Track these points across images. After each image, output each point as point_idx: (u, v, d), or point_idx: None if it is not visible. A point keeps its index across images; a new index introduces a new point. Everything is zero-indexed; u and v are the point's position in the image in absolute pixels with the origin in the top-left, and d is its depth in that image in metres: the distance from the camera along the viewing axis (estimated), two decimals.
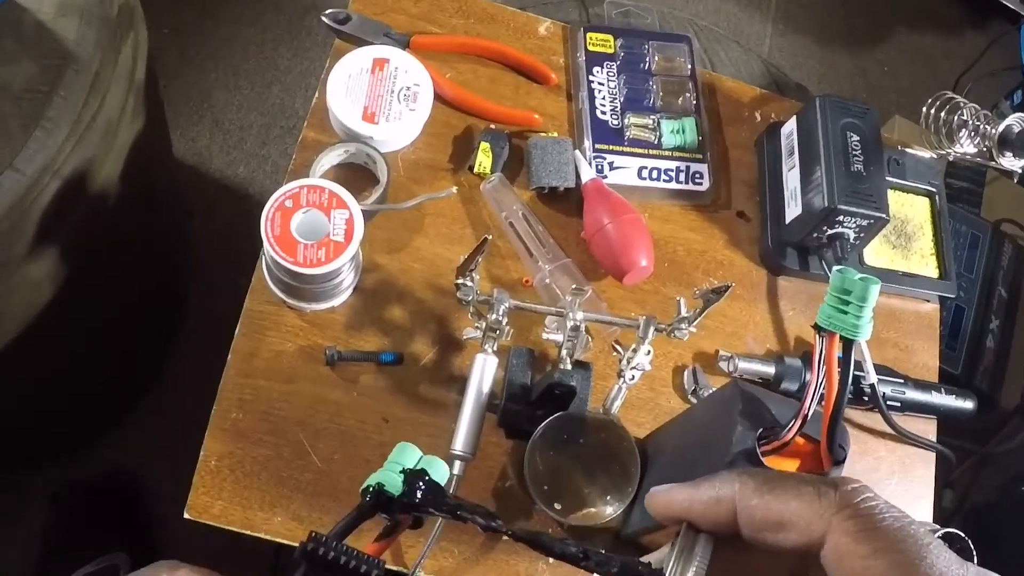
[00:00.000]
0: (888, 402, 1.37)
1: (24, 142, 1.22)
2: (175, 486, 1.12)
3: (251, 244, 1.14)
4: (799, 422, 0.87)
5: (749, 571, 0.73)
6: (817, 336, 0.85)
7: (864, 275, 0.81)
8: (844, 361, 0.84)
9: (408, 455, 0.82)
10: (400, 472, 0.73)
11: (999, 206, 2.35)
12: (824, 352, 0.84)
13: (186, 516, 1.10)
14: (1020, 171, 1.48)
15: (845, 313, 0.82)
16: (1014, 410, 2.07)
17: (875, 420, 1.38)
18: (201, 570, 0.69)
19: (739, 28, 3.23)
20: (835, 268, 0.85)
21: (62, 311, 1.46)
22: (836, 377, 0.84)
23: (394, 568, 1.14)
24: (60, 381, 1.72)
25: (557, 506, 1.14)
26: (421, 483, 0.72)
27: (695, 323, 1.15)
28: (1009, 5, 3.30)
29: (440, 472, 0.80)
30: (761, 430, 0.90)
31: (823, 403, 0.85)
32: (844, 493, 0.60)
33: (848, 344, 0.83)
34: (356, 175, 1.31)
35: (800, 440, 0.88)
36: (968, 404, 1.44)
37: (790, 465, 0.90)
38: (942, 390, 1.43)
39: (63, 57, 1.27)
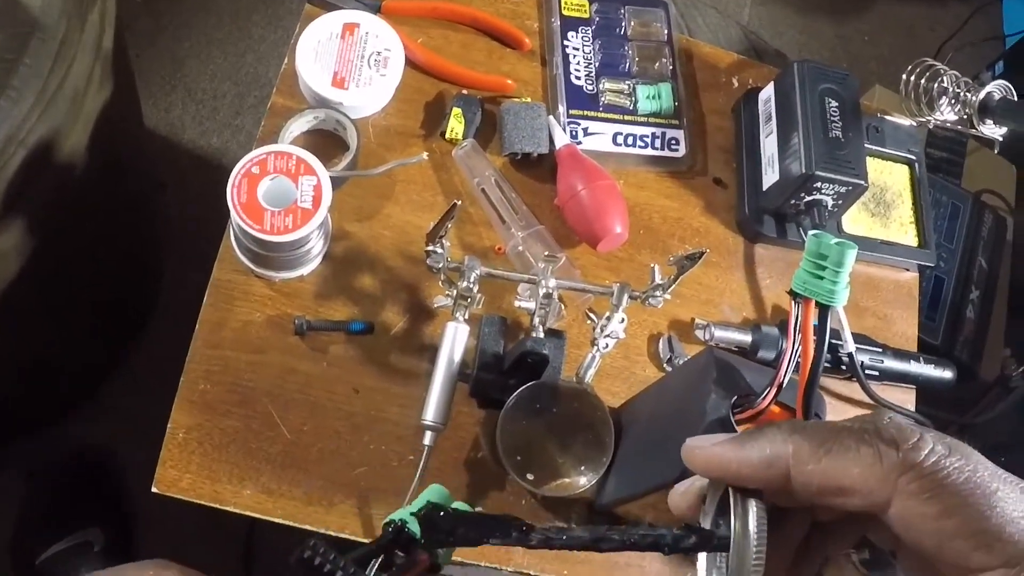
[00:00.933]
0: (866, 371, 1.36)
1: None
2: (148, 460, 1.11)
3: (224, 214, 1.12)
4: (774, 390, 0.86)
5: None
6: (793, 302, 0.84)
7: (840, 240, 0.80)
8: (820, 328, 0.83)
9: (437, 496, 0.79)
10: (411, 514, 0.69)
11: (980, 177, 2.34)
12: (800, 319, 0.83)
13: (154, 490, 1.08)
14: (1000, 139, 1.47)
15: (821, 279, 0.80)
16: (994, 381, 2.06)
17: (853, 389, 1.37)
18: (192, 572, 0.66)
19: None
20: (811, 233, 0.84)
21: (30, 283, 1.44)
22: (812, 344, 0.82)
23: None
24: (30, 355, 1.70)
25: (530, 476, 1.13)
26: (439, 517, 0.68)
27: (669, 290, 1.14)
28: None
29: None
30: (736, 398, 0.89)
31: (799, 371, 0.84)
32: (907, 453, 0.58)
33: (824, 310, 0.82)
34: (326, 142, 1.29)
35: (775, 408, 0.87)
36: (947, 374, 1.43)
37: None
38: (921, 359, 1.42)
39: (28, 25, 1.25)
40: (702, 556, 0.68)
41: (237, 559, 2.01)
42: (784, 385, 0.85)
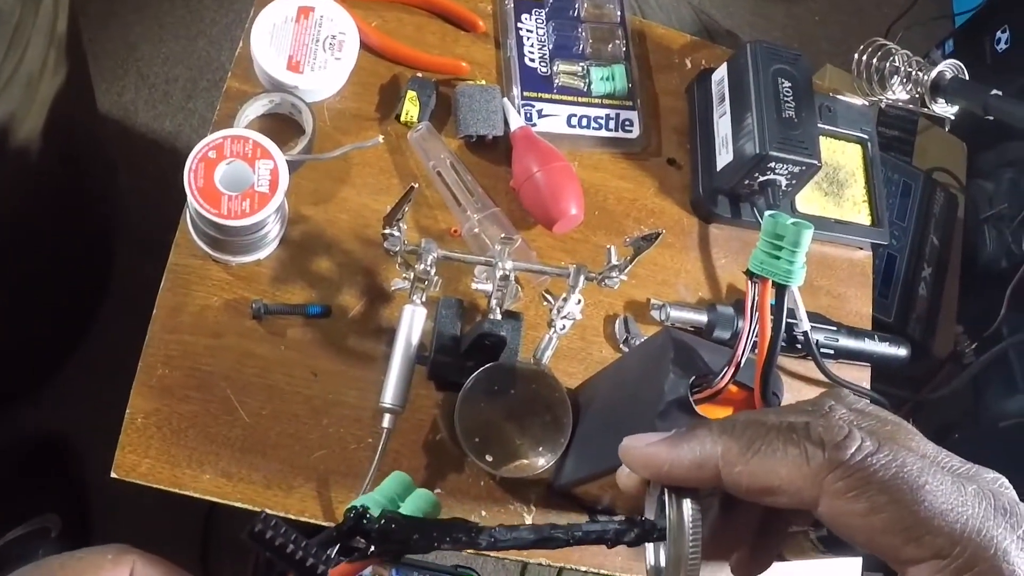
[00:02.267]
0: (821, 349, 1.37)
1: None
2: (104, 446, 1.10)
3: (179, 199, 1.12)
4: (732, 369, 0.86)
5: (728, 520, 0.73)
6: (749, 282, 0.84)
7: (796, 220, 0.80)
8: (777, 307, 0.83)
9: (399, 485, 0.79)
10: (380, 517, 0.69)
11: (931, 154, 2.36)
12: (756, 298, 0.83)
13: (113, 475, 1.07)
14: (951, 117, 1.49)
15: (778, 258, 0.81)
16: (947, 357, 2.08)
17: (809, 368, 1.38)
18: (152, 557, 0.66)
19: None
20: (767, 213, 0.84)
21: None
22: (769, 323, 0.83)
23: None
24: None
25: (489, 458, 1.13)
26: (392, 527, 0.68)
27: (626, 271, 1.15)
28: None
29: (426, 503, 0.77)
30: (694, 378, 0.89)
31: (756, 350, 0.84)
32: (832, 452, 0.59)
33: (781, 290, 0.83)
34: (282, 125, 1.29)
35: (733, 388, 0.88)
36: (902, 351, 1.45)
37: (723, 413, 0.89)
38: (876, 337, 1.43)
39: None
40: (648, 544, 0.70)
41: (195, 544, 2.01)
42: (742, 364, 0.86)
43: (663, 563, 0.68)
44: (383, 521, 0.65)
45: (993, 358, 1.96)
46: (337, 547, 0.64)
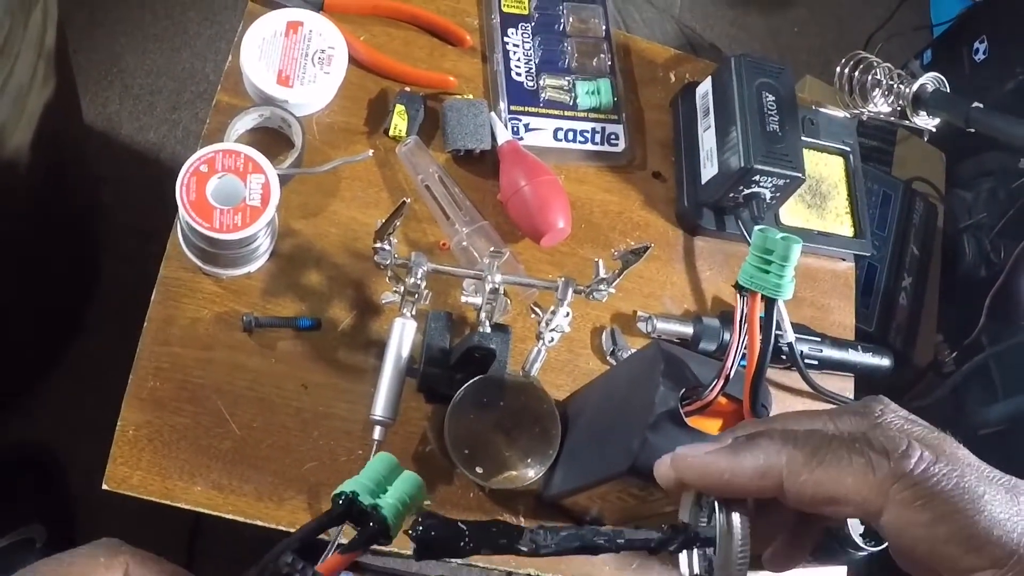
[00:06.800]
0: (806, 360, 1.38)
1: None
2: (89, 455, 1.11)
3: (163, 210, 1.13)
4: (721, 382, 0.87)
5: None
6: (739, 296, 0.85)
7: (786, 234, 0.81)
8: (766, 320, 0.84)
9: (379, 460, 0.79)
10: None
11: (910, 164, 2.38)
12: (746, 311, 0.84)
13: (104, 487, 1.08)
14: (932, 130, 1.50)
15: (767, 272, 0.82)
16: (927, 366, 2.10)
17: (793, 378, 1.39)
18: (142, 553, 0.66)
19: None
20: (757, 228, 0.85)
21: None
22: (758, 337, 0.84)
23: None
24: None
25: (479, 470, 1.14)
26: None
27: (614, 284, 1.16)
28: None
29: (413, 487, 0.77)
30: (684, 390, 0.90)
31: (744, 362, 0.85)
32: (897, 462, 0.60)
33: (770, 303, 0.84)
34: (271, 139, 1.29)
35: (723, 400, 0.88)
36: (885, 361, 1.46)
37: (712, 425, 0.90)
38: (859, 348, 1.45)
39: None
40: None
41: (181, 554, 2.01)
42: (731, 377, 0.87)
43: (697, 570, 0.69)
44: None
45: (974, 368, 1.97)
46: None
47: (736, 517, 0.67)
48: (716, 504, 0.68)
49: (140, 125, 2.44)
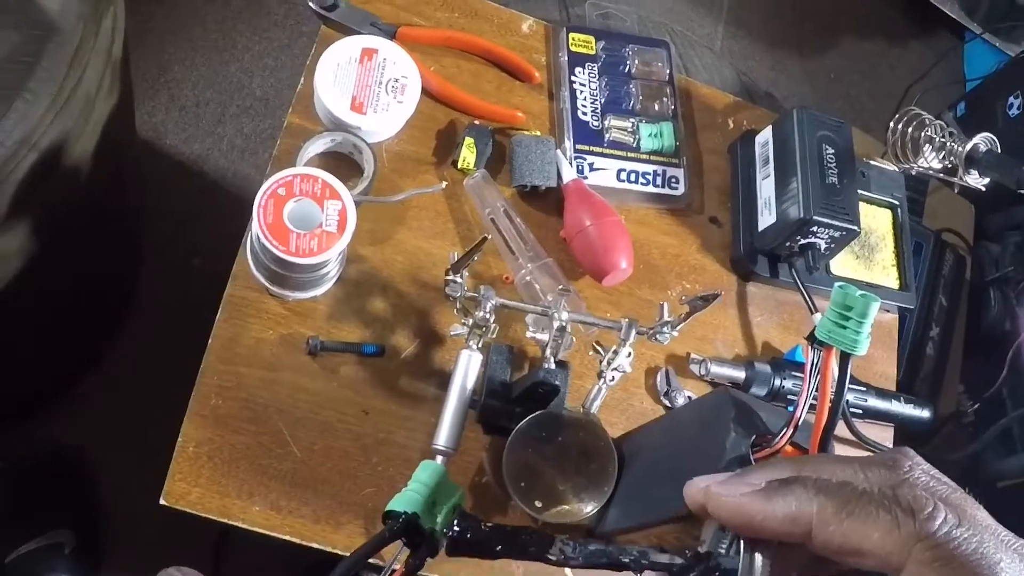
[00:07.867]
0: (851, 409, 1.40)
1: (4, 112, 1.21)
2: (120, 461, 1.12)
3: (204, 223, 1.14)
4: (791, 430, 0.88)
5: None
6: (811, 348, 0.86)
7: (865, 292, 0.83)
8: (840, 375, 0.85)
9: (433, 474, 0.81)
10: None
11: (940, 215, 2.39)
12: (819, 364, 0.85)
13: (162, 502, 1.09)
14: (983, 188, 1.52)
15: (844, 328, 0.83)
16: (949, 416, 2.11)
17: (838, 426, 1.40)
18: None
19: (690, 30, 3.25)
20: (836, 284, 0.86)
21: (28, 285, 1.44)
22: (830, 391, 0.85)
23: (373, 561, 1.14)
24: (18, 354, 1.70)
25: (538, 504, 1.15)
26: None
27: (678, 328, 1.17)
28: (951, 15, 3.35)
29: (454, 496, 0.79)
30: (754, 437, 0.92)
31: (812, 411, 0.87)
32: (922, 523, 0.61)
33: (845, 358, 0.85)
34: (339, 164, 1.31)
35: (789, 448, 0.90)
36: (925, 413, 1.47)
37: None
38: (902, 399, 1.46)
39: (46, 28, 1.26)
40: None
41: (207, 564, 2.02)
42: (799, 426, 0.88)
43: None
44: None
45: (1000, 431, 1.99)
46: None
47: (759, 560, 0.69)
48: (742, 543, 0.70)
49: (186, 136, 2.45)
